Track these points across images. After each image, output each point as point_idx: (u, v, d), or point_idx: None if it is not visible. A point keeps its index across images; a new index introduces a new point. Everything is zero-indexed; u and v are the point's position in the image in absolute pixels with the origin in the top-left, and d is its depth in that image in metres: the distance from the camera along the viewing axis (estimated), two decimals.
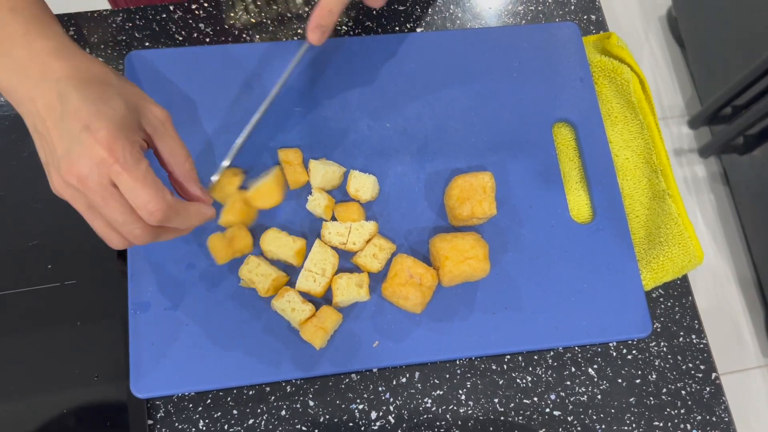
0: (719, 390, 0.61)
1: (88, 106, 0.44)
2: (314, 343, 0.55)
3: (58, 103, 0.44)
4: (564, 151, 0.67)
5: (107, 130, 0.43)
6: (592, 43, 0.72)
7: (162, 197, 0.44)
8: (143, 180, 0.43)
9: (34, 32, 0.47)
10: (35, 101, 0.45)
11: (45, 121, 0.44)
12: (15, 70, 0.46)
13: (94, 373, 0.56)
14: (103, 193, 0.43)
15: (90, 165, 0.42)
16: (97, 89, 0.45)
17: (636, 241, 0.64)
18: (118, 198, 0.44)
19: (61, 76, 0.45)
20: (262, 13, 0.71)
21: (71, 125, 0.43)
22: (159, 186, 0.44)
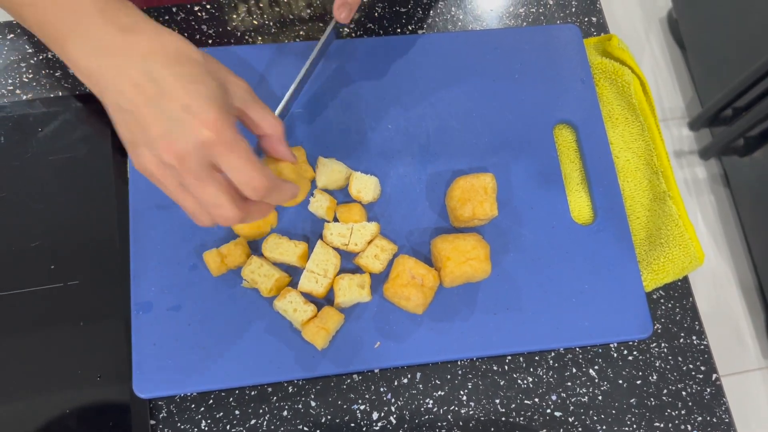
0: (720, 391, 0.62)
1: (184, 86, 0.43)
2: (316, 343, 0.55)
3: (148, 81, 0.43)
4: (565, 152, 0.67)
5: (211, 111, 0.43)
6: (593, 45, 0.72)
7: (265, 174, 0.45)
8: (247, 158, 0.44)
9: (110, 10, 0.45)
10: (119, 79, 0.43)
11: (132, 100, 0.43)
12: (95, 51, 0.44)
13: (97, 373, 0.57)
14: (201, 174, 0.43)
15: (194, 145, 0.42)
16: (188, 67, 0.44)
17: (637, 243, 0.65)
18: (216, 179, 0.44)
19: (146, 53, 0.43)
20: (264, 15, 0.71)
21: (169, 105, 0.42)
22: (260, 164, 0.45)
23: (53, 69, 0.67)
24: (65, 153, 0.63)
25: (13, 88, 0.66)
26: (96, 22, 0.44)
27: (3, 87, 0.66)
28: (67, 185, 0.62)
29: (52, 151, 0.63)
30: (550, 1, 0.75)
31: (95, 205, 0.62)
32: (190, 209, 0.46)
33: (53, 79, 0.66)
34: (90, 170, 0.62)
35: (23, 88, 0.66)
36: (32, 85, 0.66)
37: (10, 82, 0.66)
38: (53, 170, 0.62)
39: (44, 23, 0.46)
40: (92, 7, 0.44)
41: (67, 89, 0.66)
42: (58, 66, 0.67)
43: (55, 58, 0.67)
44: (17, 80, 0.66)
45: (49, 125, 0.63)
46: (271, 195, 0.46)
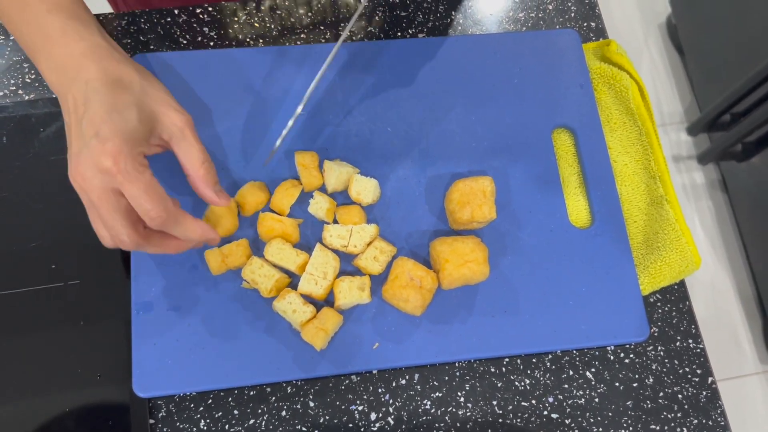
0: (716, 394, 0.62)
1: (103, 114, 0.47)
2: (315, 344, 0.55)
3: (82, 104, 0.48)
4: (563, 156, 0.67)
5: (113, 141, 0.46)
6: (592, 50, 0.73)
7: (163, 205, 0.48)
8: (146, 189, 0.47)
9: (70, 33, 0.51)
10: (68, 98, 0.49)
11: (70, 117, 0.49)
12: (55, 69, 0.51)
13: (97, 372, 0.57)
14: (101, 196, 0.47)
15: (93, 171, 0.46)
16: (116, 96, 0.49)
17: (634, 246, 0.65)
18: (113, 203, 0.47)
19: (90, 78, 0.49)
20: (265, 18, 0.71)
21: (86, 129, 0.47)
22: (162, 196, 0.48)
23: None
24: (66, 153, 0.63)
25: (16, 88, 0.66)
26: (57, 43, 0.51)
27: (5, 87, 0.66)
28: (68, 185, 0.62)
29: (53, 151, 0.63)
30: (549, 6, 0.75)
31: None
32: (95, 227, 0.50)
33: None
34: None
35: (26, 89, 0.66)
36: (34, 85, 0.66)
37: (13, 83, 0.66)
38: (55, 170, 0.63)
39: (20, 39, 0.53)
40: (56, 30, 0.51)
41: None
42: None
43: None
44: (20, 81, 0.67)
45: (51, 126, 0.64)
46: (171, 227, 0.49)
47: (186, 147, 0.53)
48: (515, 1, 0.75)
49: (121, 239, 0.48)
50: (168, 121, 0.52)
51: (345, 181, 0.61)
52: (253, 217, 0.61)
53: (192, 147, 0.53)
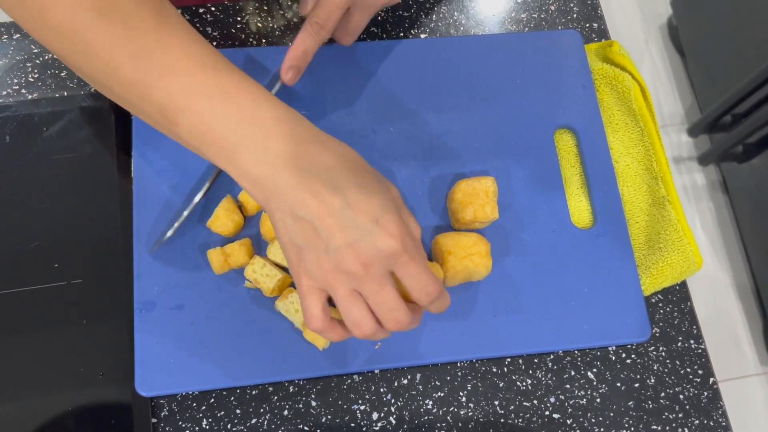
0: (717, 395, 0.62)
1: (369, 198, 0.45)
2: (317, 344, 0.56)
3: (333, 194, 0.44)
4: (565, 157, 0.67)
5: (396, 222, 0.45)
6: (594, 51, 0.73)
7: (438, 282, 0.47)
8: (424, 266, 0.46)
9: (289, 121, 0.46)
10: (299, 189, 0.44)
11: (313, 210, 0.44)
12: (271, 160, 0.44)
13: (99, 371, 0.57)
14: (382, 281, 0.45)
15: (380, 256, 0.44)
16: (367, 178, 0.46)
17: (636, 247, 0.65)
18: (393, 285, 0.46)
19: (330, 165, 0.45)
20: (268, 18, 0.72)
21: (358, 218, 0.44)
22: (432, 272, 0.47)
23: (59, 69, 0.67)
24: (70, 152, 0.63)
25: (19, 87, 0.66)
26: (273, 133, 0.45)
27: (9, 86, 0.66)
28: (71, 184, 0.62)
29: (56, 150, 0.63)
30: (551, 7, 0.76)
31: (99, 204, 0.62)
32: (357, 317, 0.46)
33: (59, 79, 0.67)
34: (94, 169, 0.63)
35: (29, 88, 0.66)
36: (38, 84, 0.67)
37: (16, 82, 0.67)
38: (58, 169, 0.63)
39: (209, 133, 0.45)
40: (271, 119, 0.45)
41: (72, 89, 0.66)
42: (63, 66, 0.67)
43: None
44: (23, 80, 0.67)
45: (54, 125, 0.64)
46: (437, 302, 0.48)
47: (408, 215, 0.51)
48: (517, 2, 0.76)
49: (401, 320, 0.46)
50: (393, 194, 0.51)
51: None
52: (255, 217, 0.61)
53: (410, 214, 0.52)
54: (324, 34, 0.57)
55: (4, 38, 0.68)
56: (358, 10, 0.59)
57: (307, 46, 0.57)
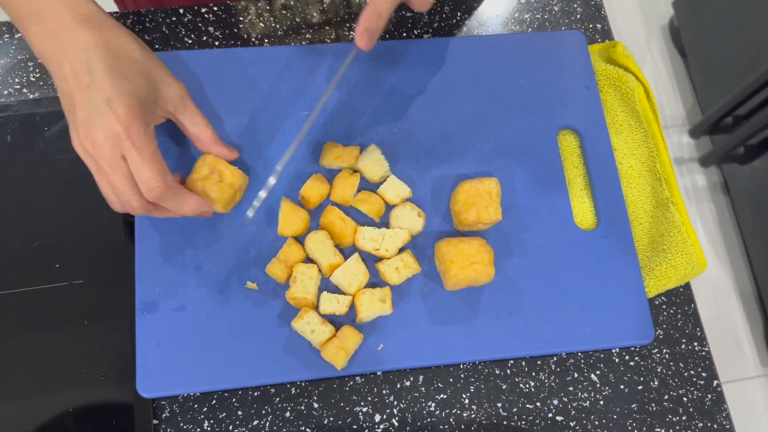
0: (720, 397, 0.62)
1: (112, 81, 0.48)
2: (336, 363, 0.55)
3: (84, 71, 0.48)
4: (569, 158, 0.67)
5: (126, 107, 0.48)
6: (598, 52, 0.73)
7: (163, 178, 0.49)
8: (150, 159, 0.48)
9: (63, 2, 0.50)
10: (63, 66, 0.49)
11: (70, 84, 0.48)
12: (48, 37, 0.50)
13: (101, 372, 0.57)
14: (112, 162, 0.48)
15: (105, 136, 0.47)
16: (122, 63, 0.50)
17: (639, 249, 0.65)
18: (124, 169, 0.49)
19: (89, 45, 0.49)
20: (271, 17, 0.71)
21: (95, 95, 0.47)
22: (163, 168, 0.49)
23: None
24: (71, 152, 0.62)
25: (20, 87, 0.66)
26: (51, 12, 0.50)
27: (10, 86, 0.66)
28: (73, 184, 0.62)
29: (58, 150, 0.63)
30: (555, 8, 0.75)
31: (100, 205, 0.61)
32: (103, 192, 0.51)
33: None
34: None
35: (30, 87, 0.66)
36: (39, 84, 0.66)
37: (17, 81, 0.66)
38: (59, 169, 0.62)
39: (7, 6, 0.52)
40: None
41: None
42: None
43: None
44: (24, 79, 0.66)
45: (56, 124, 0.64)
46: (167, 201, 0.51)
47: (189, 114, 0.56)
48: (521, 3, 0.75)
49: (132, 205, 0.50)
50: (170, 91, 0.54)
51: (375, 172, 0.61)
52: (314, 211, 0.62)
53: (195, 113, 0.57)
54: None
55: (6, 37, 0.68)
56: None
57: (381, 8, 0.54)
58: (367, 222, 0.61)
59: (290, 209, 0.59)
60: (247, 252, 0.60)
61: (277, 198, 0.61)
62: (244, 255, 0.60)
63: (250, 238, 0.60)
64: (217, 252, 0.59)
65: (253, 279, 0.59)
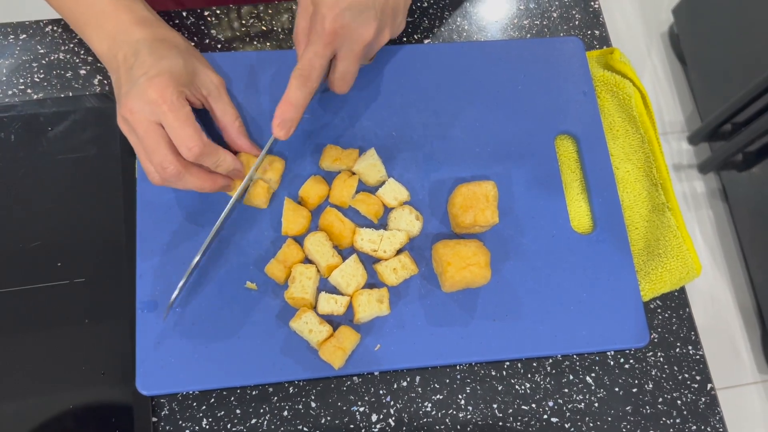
0: (714, 401, 0.62)
1: (152, 59, 0.54)
2: (333, 363, 0.56)
3: (132, 56, 0.55)
4: (566, 162, 0.68)
5: (161, 77, 0.53)
6: (596, 58, 0.73)
7: (200, 137, 0.53)
8: (185, 120, 0.52)
9: (121, 7, 0.58)
10: (117, 57, 0.56)
11: (119, 69, 0.56)
12: (107, 38, 0.57)
13: (101, 370, 0.57)
14: (147, 126, 0.52)
15: (142, 103, 0.52)
16: (163, 48, 0.56)
17: (635, 253, 0.65)
18: (159, 134, 0.53)
19: (139, 38, 0.56)
20: (272, 21, 0.72)
21: (136, 72, 0.54)
22: (198, 128, 0.53)
23: (64, 69, 0.68)
24: (74, 153, 0.64)
25: (25, 87, 0.67)
26: (109, 17, 0.57)
27: (14, 86, 0.67)
28: (75, 184, 0.63)
29: (61, 150, 0.64)
30: (554, 14, 0.76)
31: (103, 204, 0.62)
32: (142, 164, 0.55)
33: (64, 80, 0.67)
34: (98, 170, 0.63)
35: (34, 88, 0.67)
36: (43, 84, 0.67)
37: (22, 82, 0.67)
38: (62, 169, 0.63)
39: (69, 15, 0.60)
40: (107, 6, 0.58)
41: (77, 89, 0.67)
42: (69, 66, 0.68)
43: (66, 58, 0.68)
44: (28, 80, 0.67)
45: (59, 125, 0.64)
46: (205, 158, 0.54)
47: (222, 104, 0.60)
48: (520, 9, 0.76)
49: (166, 168, 0.53)
50: (207, 78, 0.59)
51: (370, 175, 0.62)
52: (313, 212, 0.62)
53: (227, 104, 0.61)
54: (310, 84, 0.56)
55: (11, 38, 0.69)
56: (342, 57, 0.57)
57: (295, 99, 0.56)
58: (365, 224, 0.62)
59: (293, 209, 0.60)
60: (246, 252, 0.60)
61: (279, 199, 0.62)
62: (244, 255, 0.60)
63: (250, 239, 0.61)
64: (216, 252, 0.60)
65: (253, 279, 0.59)
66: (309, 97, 0.57)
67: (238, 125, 0.61)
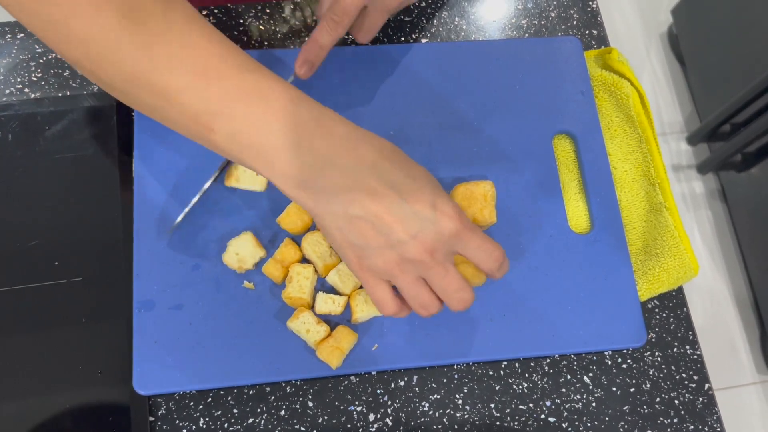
0: (712, 401, 0.62)
1: (423, 188, 0.46)
2: (331, 363, 0.56)
3: (386, 189, 0.45)
4: (564, 162, 0.68)
5: (451, 204, 0.47)
6: (594, 58, 0.73)
7: (499, 247, 0.49)
8: (484, 236, 0.49)
9: (326, 119, 0.46)
10: (353, 188, 0.44)
11: (369, 207, 0.44)
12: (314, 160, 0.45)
13: (98, 369, 0.57)
14: (446, 265, 0.47)
15: (444, 240, 0.46)
16: (411, 168, 0.47)
17: (633, 252, 0.65)
18: (455, 267, 0.48)
19: (374, 161, 0.45)
20: (271, 21, 0.72)
21: (416, 208, 0.45)
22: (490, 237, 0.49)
23: (62, 68, 0.68)
24: (72, 152, 0.64)
25: (22, 86, 0.67)
26: (315, 134, 0.45)
27: (12, 85, 0.67)
28: (72, 183, 0.63)
29: (58, 149, 0.64)
30: (552, 14, 0.76)
31: (100, 204, 0.62)
32: (425, 301, 0.49)
33: (61, 79, 0.67)
34: (96, 169, 0.63)
35: (31, 87, 0.67)
36: (40, 84, 0.67)
37: (19, 81, 0.67)
38: (59, 168, 0.63)
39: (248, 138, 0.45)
40: (311, 120, 0.45)
41: (75, 89, 0.67)
42: (66, 66, 0.68)
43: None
44: (26, 79, 0.67)
45: (57, 124, 0.64)
46: (504, 267, 0.51)
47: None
48: (518, 8, 0.76)
49: (466, 298, 0.49)
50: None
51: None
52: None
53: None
54: (340, 30, 0.57)
55: (8, 37, 0.69)
56: (374, 9, 0.59)
57: (323, 42, 0.57)
58: None
59: (297, 209, 0.60)
60: None
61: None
62: None
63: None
64: (214, 251, 0.60)
65: (250, 279, 0.59)
66: (334, 43, 0.57)
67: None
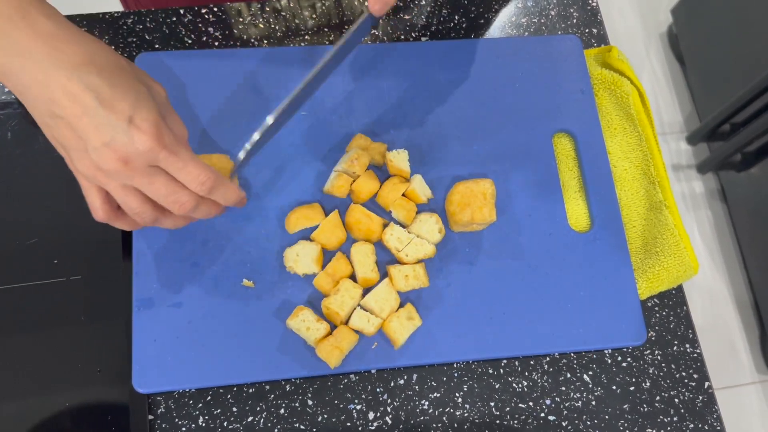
0: (712, 399, 0.62)
1: (124, 97, 0.45)
2: (329, 362, 0.56)
3: (85, 92, 0.43)
4: (564, 160, 0.68)
5: (150, 121, 0.45)
6: (593, 56, 0.73)
7: (210, 170, 0.48)
8: (190, 159, 0.47)
9: (34, 12, 0.44)
10: (49, 87, 0.43)
11: (67, 108, 0.44)
12: (17, 53, 0.43)
13: (97, 367, 0.57)
14: (149, 173, 0.46)
15: (137, 153, 0.45)
16: (122, 77, 0.46)
17: (632, 251, 0.65)
18: (163, 175, 0.47)
19: (78, 63, 0.44)
20: (269, 19, 0.72)
21: (111, 117, 0.44)
22: (203, 162, 0.48)
23: None
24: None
25: None
26: (18, 24, 0.43)
27: None
28: (71, 181, 0.62)
29: None
30: (551, 12, 0.76)
31: None
32: (134, 207, 0.49)
33: None
34: None
35: None
36: None
37: None
38: (59, 166, 0.63)
39: None
40: (12, 7, 0.43)
41: None
42: None
43: None
44: None
45: None
46: (217, 191, 0.49)
47: (171, 115, 0.51)
48: (518, 7, 0.76)
49: (183, 201, 0.48)
50: (157, 95, 0.51)
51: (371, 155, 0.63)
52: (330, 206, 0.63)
53: (177, 116, 0.52)
54: None
55: None
56: None
57: None
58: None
59: (332, 224, 0.60)
60: (243, 250, 0.60)
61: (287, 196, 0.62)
62: (241, 253, 0.60)
63: (247, 236, 0.61)
64: (213, 250, 0.60)
65: (249, 277, 0.59)
66: None
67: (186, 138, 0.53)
